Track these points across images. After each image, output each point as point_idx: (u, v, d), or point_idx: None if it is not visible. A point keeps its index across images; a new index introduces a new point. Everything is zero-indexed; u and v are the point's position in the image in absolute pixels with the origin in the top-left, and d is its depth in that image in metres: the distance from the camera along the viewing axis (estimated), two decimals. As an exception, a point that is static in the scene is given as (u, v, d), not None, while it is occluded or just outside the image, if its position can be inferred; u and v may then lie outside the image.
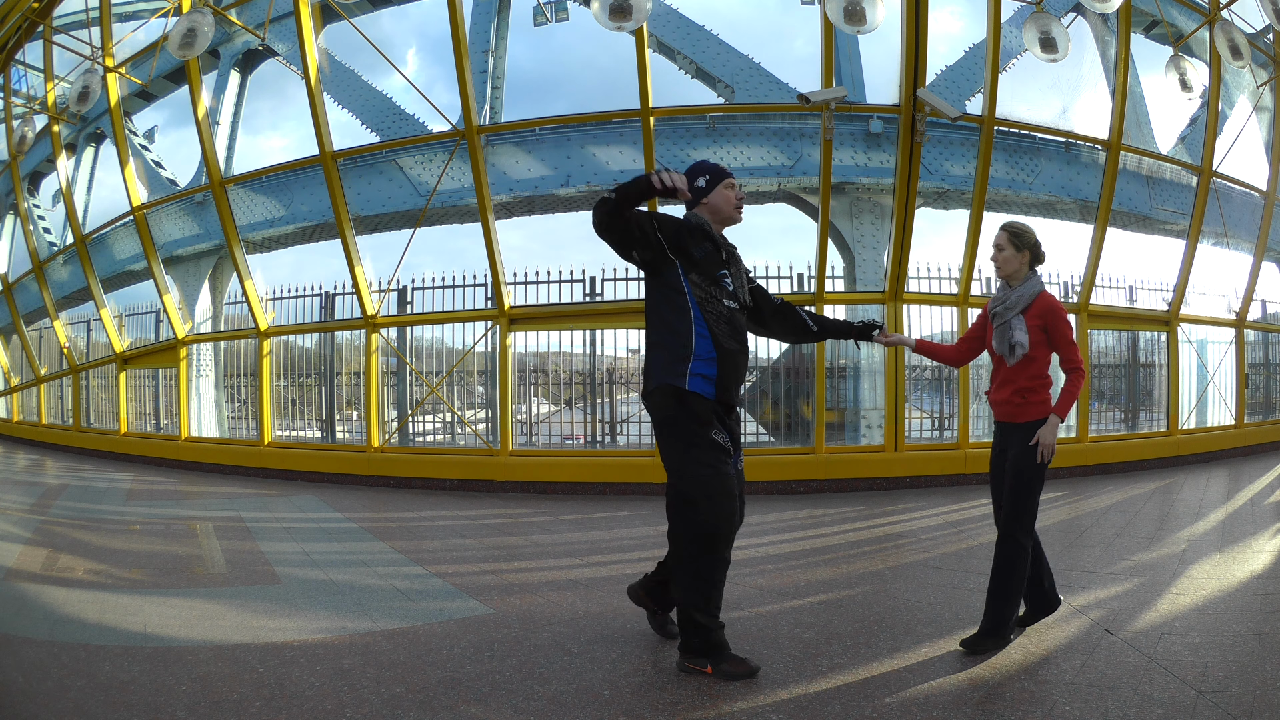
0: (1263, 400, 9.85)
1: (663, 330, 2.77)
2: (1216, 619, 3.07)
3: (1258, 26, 8.23)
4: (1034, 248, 2.99)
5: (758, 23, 10.46)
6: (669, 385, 2.71)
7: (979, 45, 8.57)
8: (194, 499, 6.74)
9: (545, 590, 3.72)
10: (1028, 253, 2.98)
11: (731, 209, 2.91)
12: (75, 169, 11.01)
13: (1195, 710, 2.26)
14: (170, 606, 3.44)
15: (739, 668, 2.59)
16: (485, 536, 5.13)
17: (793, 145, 8.43)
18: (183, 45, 6.28)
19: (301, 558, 4.44)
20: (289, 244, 9.74)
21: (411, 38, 11.64)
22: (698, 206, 2.91)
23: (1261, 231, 8.57)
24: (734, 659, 2.61)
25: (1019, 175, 8.61)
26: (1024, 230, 3.01)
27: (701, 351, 2.72)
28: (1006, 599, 2.81)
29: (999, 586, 2.82)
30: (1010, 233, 3.00)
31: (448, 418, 8.46)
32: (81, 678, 2.59)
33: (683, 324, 2.74)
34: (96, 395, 10.59)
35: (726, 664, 2.60)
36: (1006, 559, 2.83)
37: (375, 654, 2.84)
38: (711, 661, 2.60)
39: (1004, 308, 2.97)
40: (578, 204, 8.93)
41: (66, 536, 4.97)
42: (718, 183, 2.90)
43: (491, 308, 7.34)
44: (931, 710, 2.31)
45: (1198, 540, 4.50)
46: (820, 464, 6.63)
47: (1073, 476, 7.04)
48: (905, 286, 7.02)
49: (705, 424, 2.69)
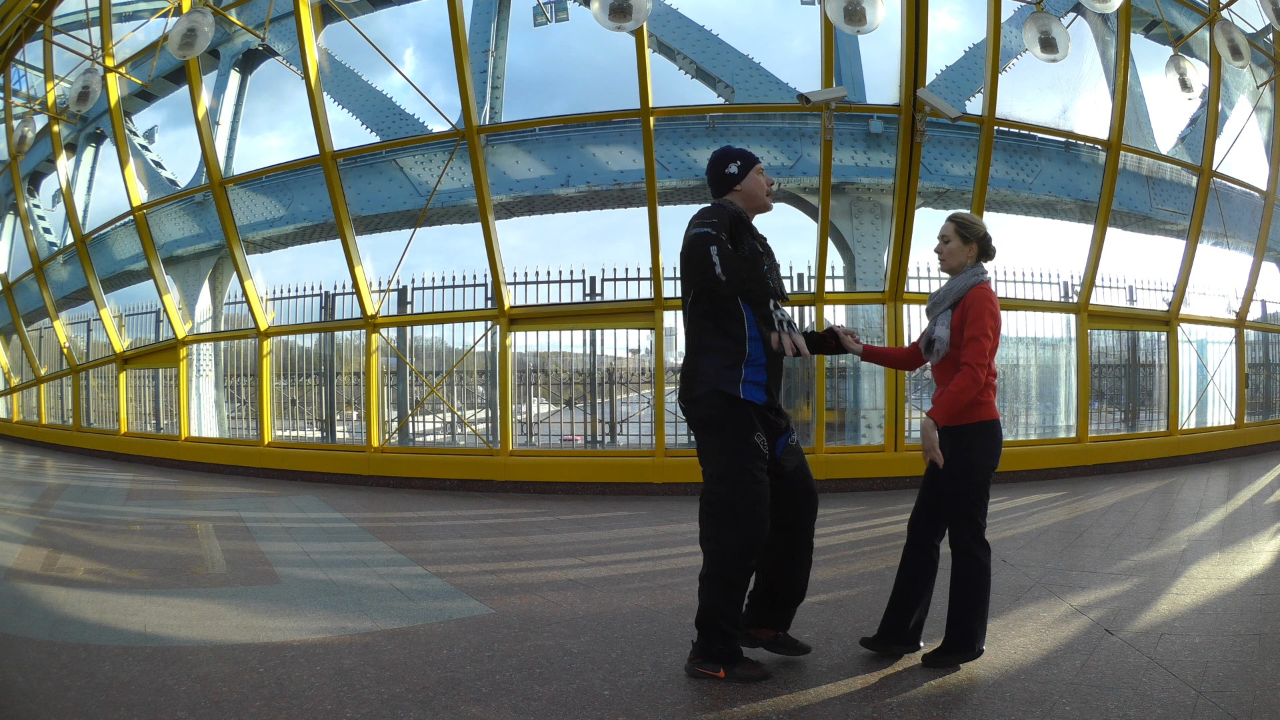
0: (1263, 400, 9.85)
1: (716, 334, 2.66)
2: (1216, 619, 3.07)
3: (1258, 26, 8.24)
4: (982, 240, 2.82)
5: (755, 22, 10.48)
6: (721, 392, 2.62)
7: (979, 45, 8.57)
8: (194, 499, 6.74)
9: (545, 590, 3.72)
10: (975, 245, 2.80)
11: (765, 196, 2.81)
12: (75, 169, 11.01)
13: (1195, 710, 2.26)
14: (170, 606, 3.44)
15: (752, 670, 2.58)
16: (485, 536, 5.13)
17: (793, 145, 8.43)
18: (183, 45, 6.28)
19: (301, 558, 4.44)
20: (289, 244, 9.74)
21: (409, 37, 11.66)
22: (730, 194, 2.79)
23: (1261, 231, 8.58)
24: (748, 662, 2.61)
25: (1019, 175, 8.61)
26: (972, 221, 2.82)
27: (755, 356, 2.64)
28: (973, 611, 2.67)
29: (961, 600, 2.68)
30: (957, 223, 2.82)
31: (448, 418, 8.46)
32: (81, 678, 2.59)
33: (737, 328, 2.64)
34: (96, 395, 10.59)
35: (740, 668, 2.59)
36: (963, 574, 2.70)
37: (375, 654, 2.84)
38: (725, 666, 2.58)
39: (934, 302, 2.82)
40: (578, 204, 8.93)
41: (66, 536, 4.97)
42: (749, 168, 2.78)
43: (491, 308, 7.34)
44: (931, 710, 2.31)
45: (1198, 540, 4.50)
46: (820, 464, 6.62)
47: (1073, 476, 7.03)
48: (905, 286, 7.02)
49: (752, 427, 2.63)
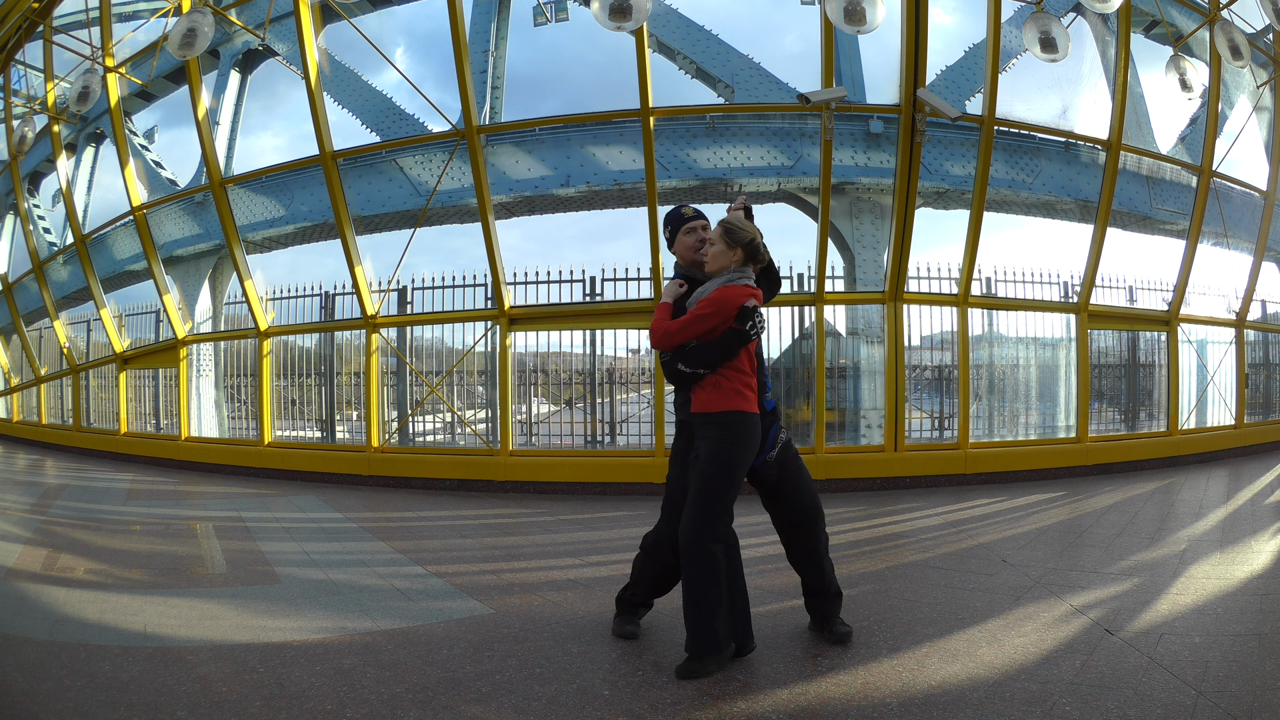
0: (1263, 400, 9.85)
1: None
2: (1216, 619, 3.07)
3: (1258, 26, 8.23)
4: (748, 246, 2.79)
5: (747, 20, 10.44)
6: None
7: (979, 45, 8.56)
8: (194, 499, 6.73)
9: (545, 590, 3.72)
10: (740, 251, 2.79)
11: (691, 254, 2.98)
12: (75, 169, 11.01)
13: (1195, 710, 2.26)
14: (170, 606, 3.44)
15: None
16: (485, 536, 5.13)
17: (793, 145, 8.43)
18: (183, 45, 6.27)
19: (301, 558, 4.44)
20: (289, 244, 9.73)
21: (399, 36, 11.62)
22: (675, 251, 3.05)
23: (1261, 231, 8.58)
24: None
25: (1019, 175, 8.61)
26: (738, 228, 2.80)
27: None
28: (696, 607, 2.63)
29: (688, 597, 2.66)
30: (724, 228, 2.81)
31: (448, 418, 8.45)
32: (81, 678, 2.59)
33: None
34: (96, 395, 10.59)
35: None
36: (686, 567, 2.67)
37: (375, 654, 2.84)
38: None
39: (687, 304, 2.83)
40: (577, 204, 8.92)
41: (66, 536, 4.97)
42: (676, 232, 3.02)
43: (491, 308, 7.34)
44: (931, 710, 2.31)
45: (1198, 540, 4.50)
46: (820, 464, 6.63)
47: (1073, 476, 7.03)
48: (905, 286, 7.01)
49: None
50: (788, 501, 2.94)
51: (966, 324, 7.12)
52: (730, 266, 2.81)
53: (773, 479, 2.92)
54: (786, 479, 2.93)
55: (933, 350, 7.96)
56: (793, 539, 2.98)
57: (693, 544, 2.66)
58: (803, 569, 2.99)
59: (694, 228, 2.99)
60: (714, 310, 2.73)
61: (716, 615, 2.62)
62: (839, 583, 3.04)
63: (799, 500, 2.94)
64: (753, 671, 2.65)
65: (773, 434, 2.93)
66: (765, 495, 2.98)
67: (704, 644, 2.61)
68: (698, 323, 2.74)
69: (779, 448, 2.92)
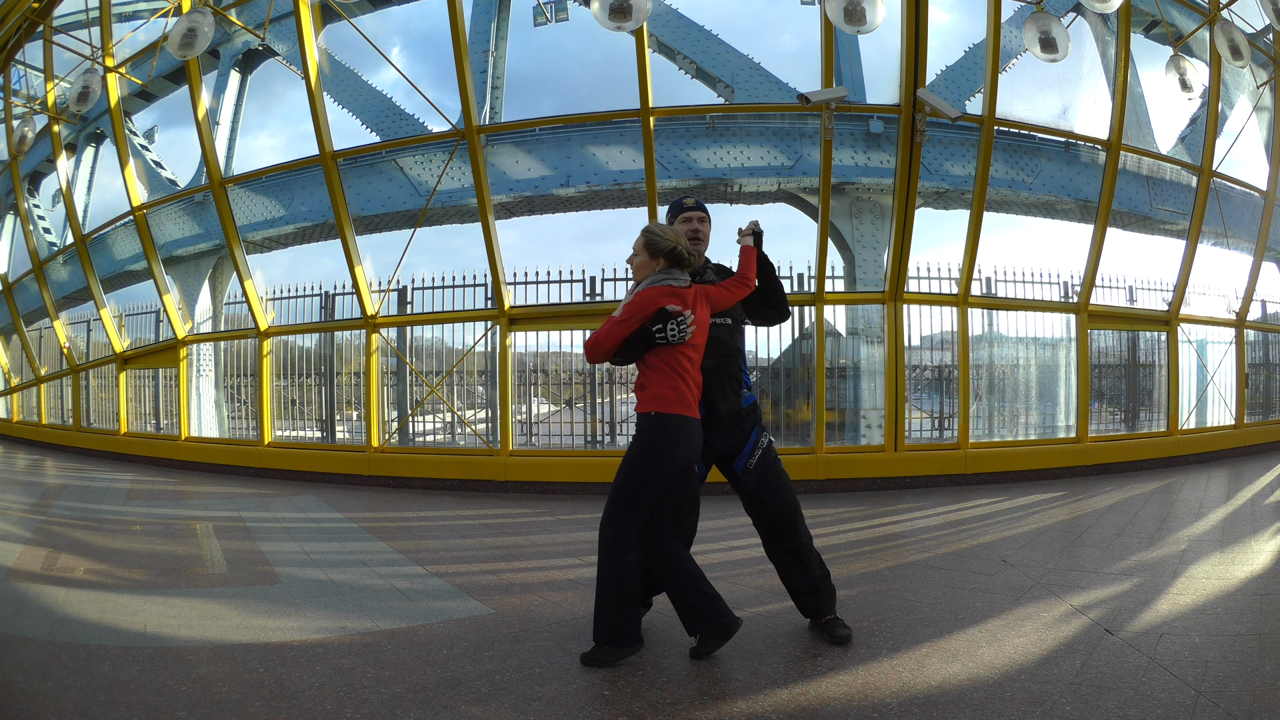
0: (1263, 400, 9.85)
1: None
2: (1216, 619, 3.07)
3: (1258, 26, 8.24)
4: (669, 254, 2.80)
5: (744, 18, 10.44)
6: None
7: (979, 45, 8.57)
8: (194, 499, 6.73)
9: (545, 590, 3.72)
10: (662, 260, 2.81)
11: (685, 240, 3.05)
12: (75, 169, 11.01)
13: (1195, 710, 2.26)
14: (170, 606, 3.44)
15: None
16: (485, 536, 5.13)
17: (793, 145, 8.43)
18: (183, 45, 6.27)
19: (301, 558, 4.44)
20: (289, 244, 9.74)
21: (395, 36, 11.58)
22: None
23: (1261, 231, 8.58)
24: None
25: (1019, 175, 8.61)
26: (660, 236, 2.81)
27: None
28: (598, 596, 2.71)
29: (598, 589, 2.73)
30: (645, 237, 2.83)
31: (448, 418, 8.46)
32: (81, 678, 2.59)
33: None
34: (96, 395, 10.59)
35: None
36: (599, 559, 2.73)
37: (375, 654, 2.84)
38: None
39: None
40: (577, 204, 8.92)
41: (66, 536, 4.97)
42: (674, 219, 3.08)
43: (491, 308, 7.34)
44: (931, 710, 2.31)
45: (1198, 540, 4.50)
46: (820, 464, 6.63)
47: (1073, 476, 7.03)
48: (905, 286, 7.01)
49: None
50: (767, 509, 2.96)
51: (966, 324, 7.12)
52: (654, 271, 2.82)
53: (751, 485, 2.94)
54: (764, 485, 2.95)
55: (933, 350, 7.96)
56: (775, 541, 3.02)
57: (600, 537, 2.73)
58: (787, 569, 3.01)
59: (689, 218, 3.05)
60: (632, 314, 2.72)
61: (604, 608, 2.69)
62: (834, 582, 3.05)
63: (779, 508, 2.96)
64: (753, 671, 2.65)
65: (752, 437, 2.96)
66: (744, 500, 3.01)
67: (599, 633, 2.70)
68: (620, 327, 2.73)
69: (759, 454, 2.94)
